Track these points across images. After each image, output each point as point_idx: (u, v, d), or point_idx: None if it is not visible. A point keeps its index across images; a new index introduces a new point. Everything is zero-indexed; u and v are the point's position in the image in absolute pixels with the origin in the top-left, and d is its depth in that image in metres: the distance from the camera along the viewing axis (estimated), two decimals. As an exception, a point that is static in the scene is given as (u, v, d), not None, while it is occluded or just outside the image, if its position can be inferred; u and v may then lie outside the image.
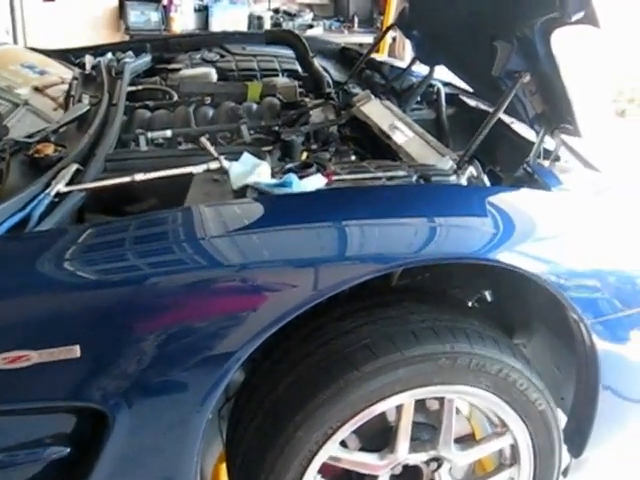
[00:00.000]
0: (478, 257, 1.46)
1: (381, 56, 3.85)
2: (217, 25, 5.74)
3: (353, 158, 2.15)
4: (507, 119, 2.23)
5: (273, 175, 1.66)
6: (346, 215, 1.47)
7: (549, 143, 1.90)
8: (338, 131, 2.28)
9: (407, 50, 5.93)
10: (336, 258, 1.40)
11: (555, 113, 1.82)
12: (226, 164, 1.68)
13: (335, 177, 1.64)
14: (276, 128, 2.10)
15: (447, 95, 2.61)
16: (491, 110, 2.36)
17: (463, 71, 2.40)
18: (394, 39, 6.07)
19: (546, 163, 1.85)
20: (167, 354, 1.31)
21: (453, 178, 1.70)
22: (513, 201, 1.65)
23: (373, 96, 2.46)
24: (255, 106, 2.33)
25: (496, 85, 1.96)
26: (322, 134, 2.19)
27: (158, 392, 1.35)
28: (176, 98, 2.40)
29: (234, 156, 1.75)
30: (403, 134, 2.21)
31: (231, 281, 1.34)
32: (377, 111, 2.38)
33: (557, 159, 1.85)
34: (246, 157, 1.72)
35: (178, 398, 1.36)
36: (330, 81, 2.72)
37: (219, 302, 1.34)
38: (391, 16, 6.11)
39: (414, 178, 1.67)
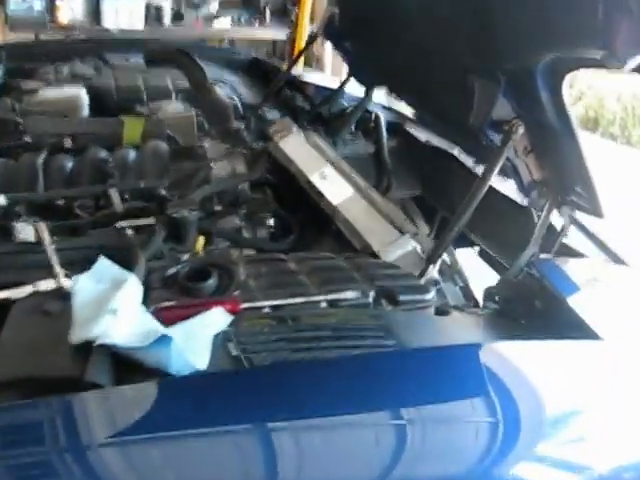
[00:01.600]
0: None
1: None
2: (110, 16, 5.09)
3: (271, 222, 1.64)
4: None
5: (146, 300, 1.03)
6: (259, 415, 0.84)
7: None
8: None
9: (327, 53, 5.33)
10: None
11: (560, 181, 1.27)
12: (67, 284, 1.03)
13: (245, 305, 1.02)
14: (162, 192, 1.45)
15: (388, 124, 2.08)
16: (440, 142, 1.85)
17: (415, 99, 1.83)
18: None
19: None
20: None
21: (431, 296, 1.10)
22: (515, 367, 0.99)
23: (295, 126, 1.96)
24: (133, 154, 1.66)
25: (467, 128, 1.40)
26: (228, 193, 1.58)
27: None
28: (28, 138, 1.73)
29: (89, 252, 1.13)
30: (339, 190, 1.65)
31: None
32: (301, 152, 1.87)
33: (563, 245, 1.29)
34: (102, 266, 1.07)
35: None
36: (239, 105, 2.11)
37: None
38: (307, 9, 5.51)
39: (370, 298, 1.07)
